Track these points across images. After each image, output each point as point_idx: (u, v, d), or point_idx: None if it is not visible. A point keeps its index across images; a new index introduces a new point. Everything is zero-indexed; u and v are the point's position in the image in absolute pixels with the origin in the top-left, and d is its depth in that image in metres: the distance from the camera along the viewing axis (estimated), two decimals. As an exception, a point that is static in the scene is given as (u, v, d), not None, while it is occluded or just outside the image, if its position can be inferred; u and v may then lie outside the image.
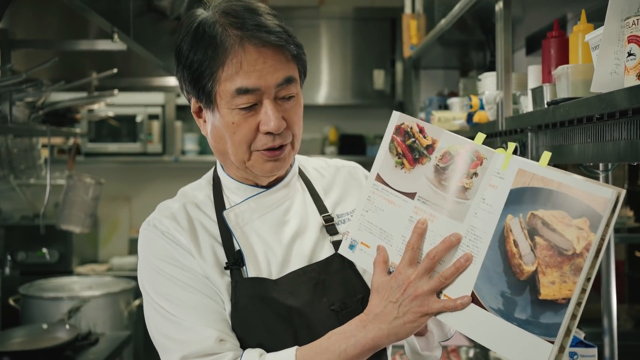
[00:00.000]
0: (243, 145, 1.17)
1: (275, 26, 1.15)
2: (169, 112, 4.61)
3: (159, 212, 1.26)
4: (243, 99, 1.14)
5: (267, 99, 1.15)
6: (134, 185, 4.89)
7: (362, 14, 4.65)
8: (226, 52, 1.12)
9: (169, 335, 1.17)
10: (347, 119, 4.87)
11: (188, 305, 1.16)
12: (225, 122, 1.16)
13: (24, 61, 2.90)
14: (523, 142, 1.80)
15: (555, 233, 0.98)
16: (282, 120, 1.16)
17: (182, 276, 1.18)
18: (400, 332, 1.08)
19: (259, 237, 1.24)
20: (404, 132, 1.14)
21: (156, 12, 2.65)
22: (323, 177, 1.37)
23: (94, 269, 4.29)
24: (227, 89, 1.13)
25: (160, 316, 1.18)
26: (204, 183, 1.32)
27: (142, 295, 1.23)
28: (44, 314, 2.96)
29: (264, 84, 1.14)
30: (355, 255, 1.18)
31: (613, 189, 0.95)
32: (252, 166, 1.20)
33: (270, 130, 1.15)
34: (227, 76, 1.13)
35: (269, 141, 1.17)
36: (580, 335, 1.72)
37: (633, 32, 1.13)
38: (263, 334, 1.17)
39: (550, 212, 0.99)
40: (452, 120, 2.47)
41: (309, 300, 1.19)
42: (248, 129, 1.16)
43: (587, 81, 1.39)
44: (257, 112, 1.16)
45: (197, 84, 1.16)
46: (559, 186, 0.99)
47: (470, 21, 2.49)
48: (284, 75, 1.15)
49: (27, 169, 3.49)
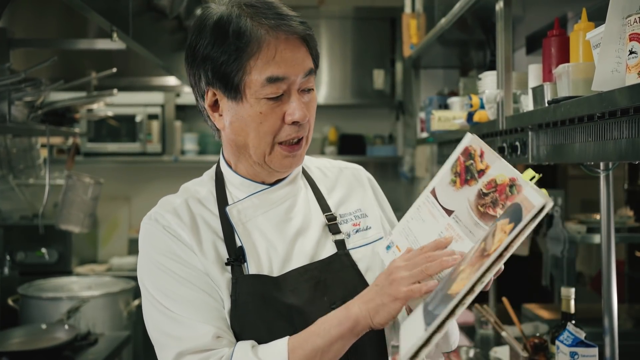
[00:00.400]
0: (268, 136, 1.18)
1: (300, 19, 1.18)
2: (168, 111, 4.61)
3: (161, 207, 1.26)
4: (273, 88, 1.15)
5: (293, 89, 1.17)
6: (134, 185, 4.89)
7: (362, 14, 4.65)
8: (258, 42, 1.14)
9: (165, 330, 1.16)
10: (347, 119, 4.87)
11: (186, 301, 1.16)
12: (254, 111, 1.17)
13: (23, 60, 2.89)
14: (524, 141, 1.79)
15: (493, 237, 1.01)
16: (306, 111, 1.19)
17: (181, 272, 1.18)
18: (374, 315, 1.09)
19: (261, 234, 1.24)
20: (468, 153, 1.14)
21: (155, 11, 2.65)
22: (326, 177, 1.38)
23: (93, 269, 4.29)
24: (257, 78, 1.15)
25: (158, 311, 1.18)
26: (207, 179, 1.32)
27: (141, 289, 1.23)
28: (43, 314, 2.95)
29: (293, 73, 1.16)
30: (387, 255, 1.22)
31: (543, 199, 0.96)
32: (270, 161, 1.21)
33: (296, 120, 1.17)
34: (258, 66, 1.14)
35: (293, 132, 1.19)
36: (580, 335, 1.72)
37: (635, 30, 1.12)
38: (262, 332, 1.16)
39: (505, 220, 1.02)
40: (452, 120, 2.46)
41: (309, 298, 1.19)
42: (275, 118, 1.17)
43: (588, 80, 1.38)
44: (283, 103, 1.17)
45: (224, 76, 1.16)
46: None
47: (471, 20, 2.49)
48: (309, 67, 1.19)
49: (26, 169, 3.48)
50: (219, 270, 1.19)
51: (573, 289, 1.84)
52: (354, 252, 1.28)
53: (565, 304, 1.83)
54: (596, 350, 1.71)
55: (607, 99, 1.23)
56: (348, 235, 1.30)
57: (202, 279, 1.18)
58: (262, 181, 1.27)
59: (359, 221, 1.33)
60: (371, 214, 1.35)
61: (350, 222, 1.32)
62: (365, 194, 1.38)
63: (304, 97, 1.20)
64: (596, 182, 1.95)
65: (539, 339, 1.98)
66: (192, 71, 1.22)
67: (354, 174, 1.41)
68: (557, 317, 2.28)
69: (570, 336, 1.73)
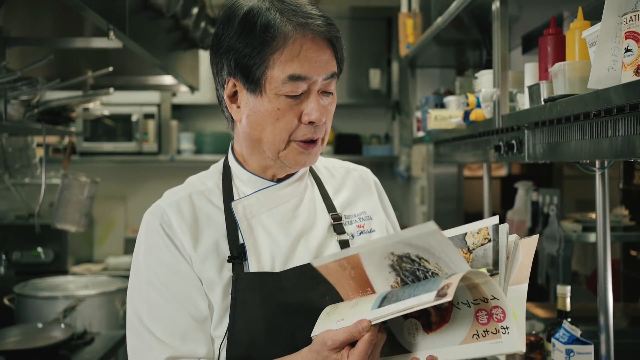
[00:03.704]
0: (284, 133, 1.18)
1: (330, 22, 1.19)
2: (164, 111, 4.60)
3: (164, 200, 1.26)
4: (293, 86, 1.15)
5: (314, 90, 1.17)
6: (130, 185, 4.88)
7: (358, 13, 4.66)
8: (284, 37, 1.14)
9: (131, 342, 1.20)
10: (343, 119, 4.87)
11: (157, 311, 1.18)
12: (271, 107, 1.17)
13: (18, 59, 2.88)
14: (520, 139, 1.80)
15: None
16: (324, 113, 1.18)
17: (164, 278, 1.19)
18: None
19: (265, 231, 1.24)
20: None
21: (152, 10, 2.64)
22: (333, 177, 1.38)
23: (89, 269, 4.28)
24: (279, 74, 1.15)
25: (131, 321, 1.20)
26: (214, 171, 1.32)
27: (128, 289, 1.24)
28: (39, 314, 2.94)
29: (315, 73, 1.16)
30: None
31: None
32: (285, 156, 1.21)
33: (313, 120, 1.17)
34: (281, 61, 1.14)
35: (309, 132, 1.19)
36: (576, 333, 1.73)
37: (630, 28, 1.13)
38: (261, 330, 1.16)
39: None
40: (448, 119, 2.47)
41: (310, 297, 1.19)
42: (292, 116, 1.17)
43: (583, 78, 1.39)
44: (301, 102, 1.17)
45: (246, 68, 1.16)
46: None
47: (467, 20, 2.49)
48: (331, 70, 1.19)
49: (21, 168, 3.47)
50: (218, 268, 1.20)
51: (569, 286, 1.84)
52: None
53: (561, 301, 1.84)
54: (592, 347, 1.71)
55: (603, 97, 1.23)
56: (352, 237, 1.30)
57: (182, 289, 1.19)
58: (272, 177, 1.27)
59: (363, 223, 1.33)
60: (375, 218, 1.35)
61: (355, 224, 1.32)
62: (371, 197, 1.39)
63: (323, 99, 1.19)
64: (591, 182, 1.96)
65: (535, 336, 1.99)
66: (216, 60, 1.22)
67: (362, 177, 1.42)
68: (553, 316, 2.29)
69: (566, 334, 1.74)
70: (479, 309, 1.02)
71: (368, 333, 1.00)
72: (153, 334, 1.17)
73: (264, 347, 1.16)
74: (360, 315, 1.03)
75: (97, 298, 3.08)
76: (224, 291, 1.18)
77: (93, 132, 4.49)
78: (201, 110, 4.94)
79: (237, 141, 1.30)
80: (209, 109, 4.87)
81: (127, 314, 1.22)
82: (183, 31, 3.31)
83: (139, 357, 1.18)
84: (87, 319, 2.96)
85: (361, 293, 1.10)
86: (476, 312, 1.02)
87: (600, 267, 2.00)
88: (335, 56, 1.20)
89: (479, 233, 1.10)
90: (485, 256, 1.08)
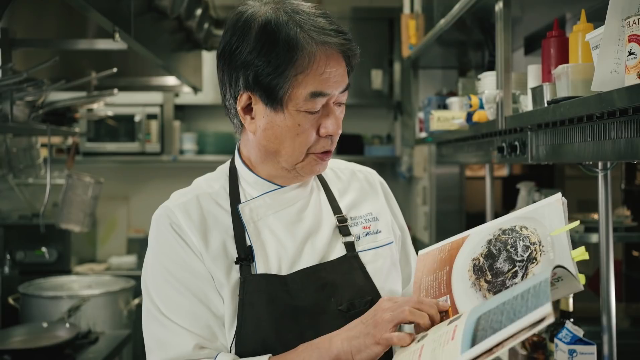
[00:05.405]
0: (303, 147, 1.19)
1: (344, 34, 1.18)
2: (167, 111, 4.61)
3: (172, 202, 1.26)
4: (316, 102, 1.16)
5: (331, 104, 1.19)
6: (132, 185, 4.89)
7: (360, 14, 4.66)
8: (309, 57, 1.13)
9: (153, 332, 1.19)
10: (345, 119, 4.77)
11: (177, 307, 1.18)
12: (292, 123, 1.17)
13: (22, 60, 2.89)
14: (523, 140, 1.81)
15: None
16: (340, 125, 1.21)
17: (180, 276, 1.19)
18: (357, 353, 1.07)
19: (271, 233, 1.24)
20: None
21: (156, 11, 2.66)
22: (339, 179, 1.39)
23: (92, 269, 4.29)
24: (302, 92, 1.15)
25: (151, 312, 1.20)
26: (221, 174, 1.32)
27: (142, 286, 1.24)
28: (44, 313, 2.96)
29: (335, 89, 1.17)
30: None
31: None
32: (302, 167, 1.22)
33: (331, 133, 1.19)
34: (305, 80, 1.14)
35: (327, 145, 1.21)
36: (579, 333, 1.74)
37: (634, 32, 1.14)
38: (269, 332, 1.17)
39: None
40: (451, 120, 2.48)
41: (316, 299, 1.20)
42: (311, 131, 1.18)
43: (587, 80, 1.40)
44: (320, 116, 1.19)
45: (268, 86, 1.14)
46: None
47: (470, 21, 2.51)
48: (346, 83, 1.20)
49: (25, 169, 3.49)
50: (226, 269, 1.20)
51: (571, 287, 1.85)
52: (363, 254, 1.28)
53: (563, 302, 1.85)
54: (594, 347, 1.72)
55: (606, 99, 1.25)
56: (358, 238, 1.30)
57: (199, 286, 1.19)
58: (280, 182, 1.28)
59: (369, 224, 1.33)
60: (382, 218, 1.36)
61: (361, 225, 1.32)
62: (377, 198, 1.39)
63: (336, 110, 1.21)
64: (593, 182, 1.97)
65: (538, 336, 2.00)
66: (230, 72, 1.19)
67: (367, 178, 1.42)
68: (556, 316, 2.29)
69: (568, 334, 1.75)
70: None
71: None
72: (177, 323, 1.17)
73: (273, 348, 1.16)
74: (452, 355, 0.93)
75: (101, 298, 3.10)
76: (232, 293, 1.19)
77: (96, 133, 4.50)
78: (204, 111, 4.95)
79: (246, 147, 1.29)
80: (211, 109, 4.88)
81: (145, 310, 1.21)
82: (186, 32, 3.33)
83: (163, 345, 1.16)
84: (91, 319, 2.98)
85: (436, 296, 1.12)
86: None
87: (602, 268, 2.02)
88: (347, 70, 1.21)
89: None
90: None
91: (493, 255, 1.11)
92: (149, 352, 1.21)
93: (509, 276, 1.08)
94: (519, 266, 1.08)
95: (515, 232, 1.11)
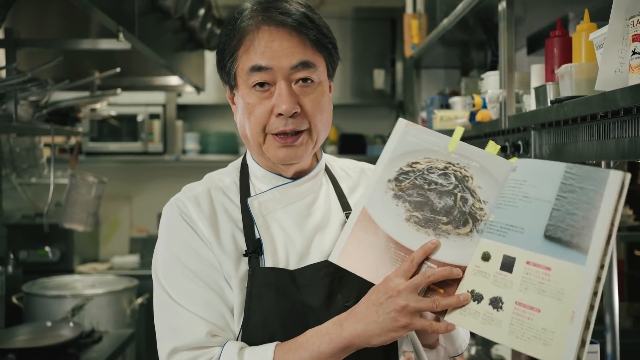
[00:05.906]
0: (257, 127, 1.20)
1: (296, 11, 1.18)
2: (169, 111, 4.62)
3: (183, 194, 1.28)
4: (257, 76, 1.18)
5: (281, 81, 1.18)
6: (135, 185, 4.90)
7: (362, 14, 4.66)
8: (245, 33, 1.18)
9: (165, 319, 1.19)
10: (347, 119, 4.89)
11: (189, 294, 1.18)
12: (244, 102, 1.21)
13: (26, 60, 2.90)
14: (526, 140, 1.81)
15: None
16: (295, 104, 1.18)
17: (191, 265, 1.20)
18: (374, 336, 1.07)
19: (280, 228, 1.25)
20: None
21: (160, 11, 2.67)
22: (349, 177, 1.39)
23: (95, 268, 4.30)
24: (244, 67, 1.19)
25: (163, 299, 1.20)
26: (232, 169, 1.34)
27: (152, 276, 1.25)
28: (47, 312, 2.97)
29: (277, 64, 1.17)
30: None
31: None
32: (266, 150, 1.23)
33: (281, 112, 1.17)
34: (247, 54, 1.18)
35: (281, 125, 1.19)
36: (582, 332, 1.74)
37: (637, 31, 1.15)
38: (275, 324, 1.17)
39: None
40: (454, 119, 2.48)
41: (324, 295, 1.20)
42: (263, 110, 1.19)
43: (590, 80, 1.40)
44: (272, 94, 1.19)
45: (222, 66, 1.24)
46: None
47: (472, 21, 2.51)
48: (299, 59, 1.18)
49: (29, 168, 3.49)
50: (234, 261, 1.21)
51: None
52: None
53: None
54: (597, 346, 1.72)
55: (610, 98, 1.25)
56: None
57: (210, 275, 1.20)
58: (281, 174, 1.29)
59: None
60: None
61: None
62: None
63: (301, 89, 1.19)
64: (596, 182, 1.97)
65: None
66: (220, 67, 1.27)
67: None
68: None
69: (572, 333, 1.74)
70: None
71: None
72: (190, 310, 1.17)
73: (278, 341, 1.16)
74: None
75: (104, 297, 3.11)
76: (240, 285, 1.19)
77: (99, 133, 4.50)
78: (206, 111, 4.96)
79: None
80: (213, 109, 4.88)
81: (156, 299, 1.22)
82: (189, 32, 3.33)
83: (176, 333, 1.16)
84: (94, 318, 2.99)
85: (400, 261, 1.10)
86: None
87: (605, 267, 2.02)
88: (307, 43, 1.19)
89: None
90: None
91: (423, 203, 1.09)
92: (160, 340, 1.20)
93: (460, 204, 1.07)
94: (459, 190, 1.07)
95: (412, 171, 1.08)
